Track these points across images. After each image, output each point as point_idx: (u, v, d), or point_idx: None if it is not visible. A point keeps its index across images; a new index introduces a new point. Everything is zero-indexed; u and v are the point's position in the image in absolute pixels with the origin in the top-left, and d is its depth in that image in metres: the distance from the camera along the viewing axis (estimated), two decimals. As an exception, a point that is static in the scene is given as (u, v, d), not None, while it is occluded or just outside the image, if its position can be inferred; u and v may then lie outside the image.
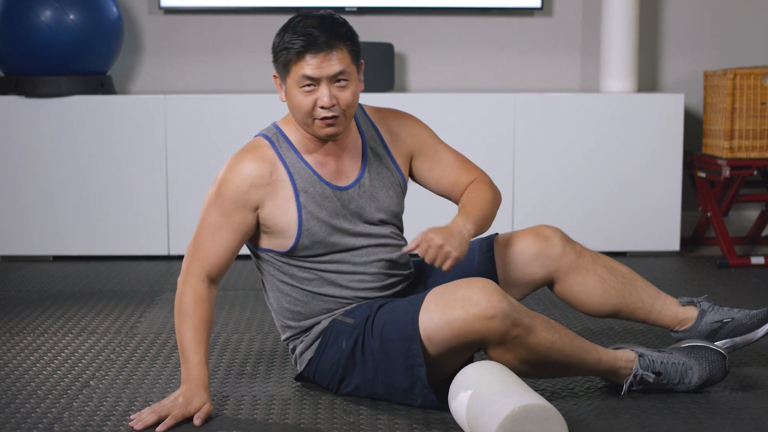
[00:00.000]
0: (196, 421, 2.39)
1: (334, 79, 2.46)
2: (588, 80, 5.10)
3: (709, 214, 4.60)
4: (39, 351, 3.06)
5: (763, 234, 4.98)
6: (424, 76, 5.06)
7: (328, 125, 2.49)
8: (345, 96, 2.48)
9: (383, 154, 2.66)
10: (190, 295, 2.52)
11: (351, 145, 2.62)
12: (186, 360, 2.48)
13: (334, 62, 2.45)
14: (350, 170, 2.61)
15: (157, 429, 2.36)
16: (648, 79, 5.12)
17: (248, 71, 5.00)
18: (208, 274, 2.54)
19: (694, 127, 4.99)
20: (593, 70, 5.07)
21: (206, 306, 2.52)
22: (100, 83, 4.61)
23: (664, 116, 4.62)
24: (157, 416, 2.39)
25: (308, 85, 2.46)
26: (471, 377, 2.32)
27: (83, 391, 2.66)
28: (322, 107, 2.46)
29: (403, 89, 5.04)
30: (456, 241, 2.45)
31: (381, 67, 4.70)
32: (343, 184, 2.59)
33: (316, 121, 2.49)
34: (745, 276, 4.19)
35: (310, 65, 2.44)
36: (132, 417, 2.42)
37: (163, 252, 4.58)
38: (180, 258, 4.58)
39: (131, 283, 4.07)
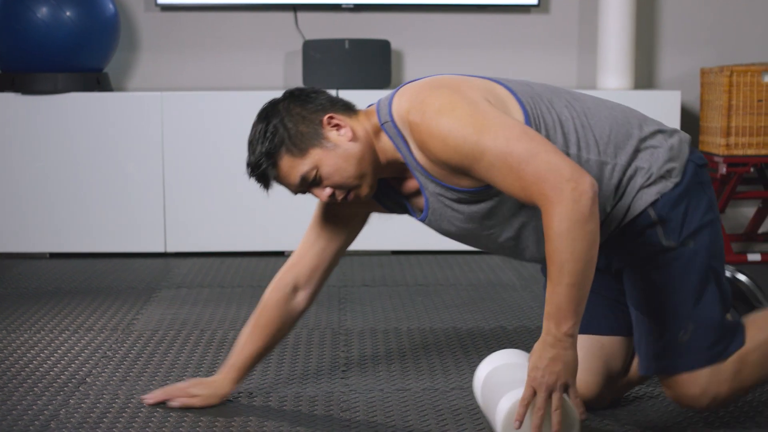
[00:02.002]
0: (171, 402, 2.48)
1: (306, 182, 2.20)
2: (585, 77, 5.10)
3: (705, 211, 4.60)
4: (36, 348, 3.06)
5: (760, 231, 4.99)
6: (421, 73, 5.06)
7: (353, 200, 2.24)
8: (331, 180, 2.19)
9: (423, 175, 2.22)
10: (264, 297, 2.51)
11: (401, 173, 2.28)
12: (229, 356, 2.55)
13: (290, 176, 2.20)
14: (417, 200, 2.31)
15: (143, 396, 2.53)
16: (645, 76, 5.12)
17: (245, 68, 5.00)
18: (295, 280, 2.48)
19: (690, 124, 5.00)
20: (590, 67, 5.07)
21: (272, 314, 2.48)
22: (96, 80, 4.61)
23: (660, 113, 4.60)
24: (161, 389, 2.53)
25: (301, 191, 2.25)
26: (498, 359, 2.30)
27: (80, 388, 2.66)
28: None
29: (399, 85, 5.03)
30: (554, 366, 1.97)
31: (378, 64, 4.70)
32: (418, 215, 2.32)
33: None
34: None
35: (283, 186, 2.25)
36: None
37: (160, 249, 4.58)
38: (176, 255, 4.58)
39: (128, 280, 4.07)
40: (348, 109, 2.27)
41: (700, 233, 2.20)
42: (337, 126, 2.21)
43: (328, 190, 2.20)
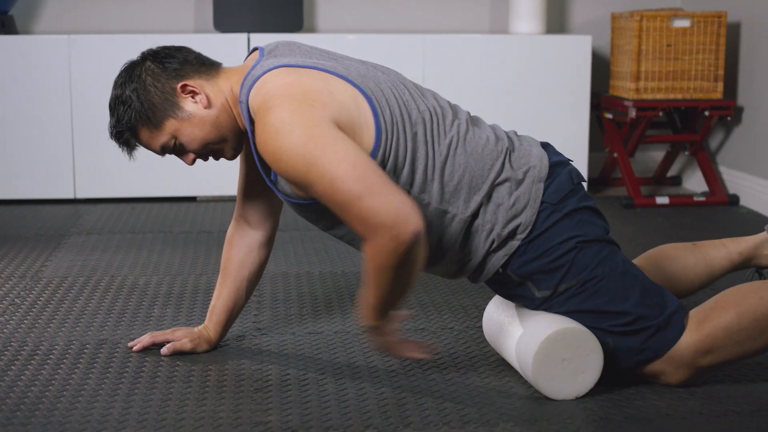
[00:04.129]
0: (162, 350, 2.45)
1: (168, 150, 2.25)
2: (497, 22, 5.11)
3: (615, 154, 4.67)
4: (-60, 296, 3.01)
5: (668, 174, 5.07)
6: (334, 17, 5.03)
7: (225, 158, 2.30)
8: (191, 147, 2.23)
9: None
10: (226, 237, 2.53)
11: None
12: None
13: (150, 145, 2.25)
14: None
15: (130, 343, 2.51)
16: (556, 21, 5.14)
17: (154, 11, 4.92)
18: (240, 214, 2.49)
19: (601, 68, 5.04)
20: (502, 13, 5.08)
21: (230, 251, 2.49)
22: (1, 23, 4.49)
23: (572, 58, 4.65)
24: (148, 334, 2.52)
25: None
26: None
27: (-14, 335, 2.63)
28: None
29: (312, 30, 5.00)
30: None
31: (290, 7, 4.65)
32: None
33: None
34: (650, 216, 4.27)
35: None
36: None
37: (69, 195, 4.51)
38: (86, 201, 4.52)
39: (36, 227, 4.00)
40: (209, 68, 2.24)
41: (575, 266, 2.18)
42: (192, 93, 2.20)
43: (191, 156, 2.24)
